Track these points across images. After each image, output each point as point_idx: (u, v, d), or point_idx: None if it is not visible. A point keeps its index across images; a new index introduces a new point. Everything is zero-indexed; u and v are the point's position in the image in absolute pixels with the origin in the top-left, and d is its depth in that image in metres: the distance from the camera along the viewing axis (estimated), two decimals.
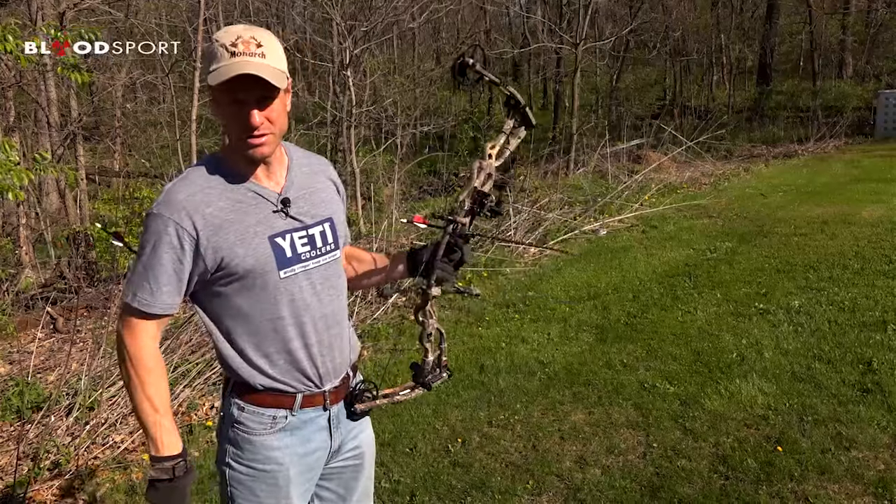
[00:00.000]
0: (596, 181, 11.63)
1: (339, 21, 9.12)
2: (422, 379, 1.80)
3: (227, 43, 1.45)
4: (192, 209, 1.49)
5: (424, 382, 1.80)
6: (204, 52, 1.53)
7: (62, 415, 3.91)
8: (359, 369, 1.88)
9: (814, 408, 3.68)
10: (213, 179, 1.53)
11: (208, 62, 1.47)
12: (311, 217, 1.62)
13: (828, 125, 17.87)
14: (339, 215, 1.71)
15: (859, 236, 7.33)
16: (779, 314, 5.14)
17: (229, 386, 1.64)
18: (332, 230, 1.66)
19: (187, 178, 1.53)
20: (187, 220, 1.48)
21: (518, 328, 5.27)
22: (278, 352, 1.59)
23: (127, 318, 1.53)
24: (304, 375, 1.63)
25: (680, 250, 7.34)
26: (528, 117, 1.77)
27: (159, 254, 1.49)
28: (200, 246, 1.49)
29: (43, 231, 8.63)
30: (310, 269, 1.61)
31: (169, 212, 1.48)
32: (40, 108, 9.40)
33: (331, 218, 1.67)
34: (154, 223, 1.49)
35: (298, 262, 1.58)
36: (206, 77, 1.45)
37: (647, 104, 22.69)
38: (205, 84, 1.51)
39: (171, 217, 1.48)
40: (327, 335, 1.65)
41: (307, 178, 1.67)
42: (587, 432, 3.61)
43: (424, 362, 1.79)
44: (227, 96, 1.46)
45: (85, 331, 5.69)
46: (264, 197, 1.57)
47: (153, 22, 13.53)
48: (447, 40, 24.57)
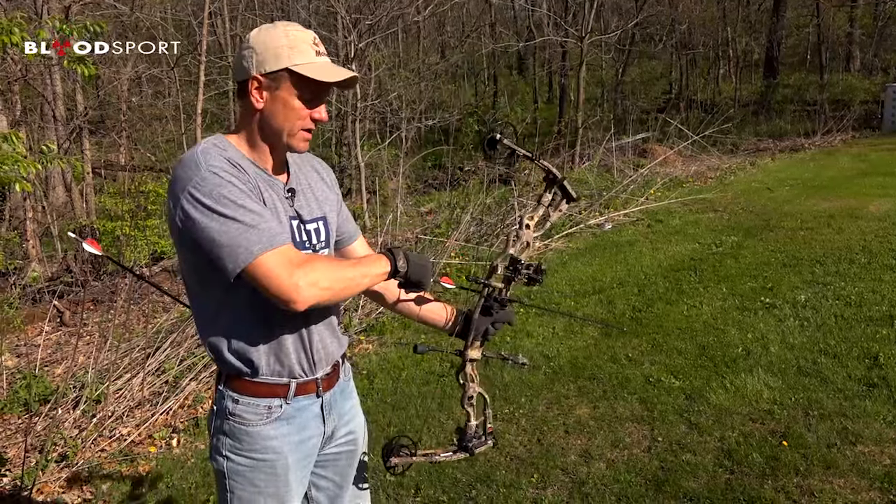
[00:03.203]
0: (601, 175, 11.62)
1: (343, 15, 9.11)
2: (465, 444, 1.77)
3: (308, 40, 1.51)
4: (237, 161, 1.50)
5: (467, 448, 1.77)
6: (271, 39, 1.51)
7: (69, 407, 3.93)
8: (353, 362, 1.88)
9: (819, 402, 3.67)
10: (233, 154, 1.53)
11: (284, 47, 1.50)
12: (309, 213, 1.66)
13: (835, 119, 17.77)
14: (332, 215, 1.73)
15: (866, 230, 7.30)
16: (785, 308, 5.13)
17: (222, 379, 1.64)
18: (325, 229, 1.70)
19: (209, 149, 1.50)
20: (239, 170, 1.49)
21: (523, 322, 5.27)
22: (275, 336, 1.59)
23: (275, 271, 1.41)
24: (298, 363, 1.64)
25: (685, 244, 7.33)
26: (568, 192, 1.73)
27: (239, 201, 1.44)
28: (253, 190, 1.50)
29: (49, 225, 8.66)
30: None
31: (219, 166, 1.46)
32: (46, 101, 9.42)
33: (325, 217, 1.70)
34: (211, 181, 1.43)
35: (303, 249, 1.61)
36: (297, 66, 1.49)
37: (653, 98, 22.62)
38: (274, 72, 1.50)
39: (224, 169, 1.46)
40: (323, 322, 1.68)
41: (305, 175, 1.71)
42: (592, 426, 3.62)
43: (468, 426, 1.76)
44: (307, 91, 1.52)
45: (91, 324, 5.71)
46: (275, 182, 1.60)
47: (158, 16, 13.54)
48: (452, 34, 24.52)
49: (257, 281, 1.42)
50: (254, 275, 1.42)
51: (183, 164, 1.47)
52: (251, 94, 1.52)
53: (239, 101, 1.60)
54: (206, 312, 1.60)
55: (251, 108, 1.54)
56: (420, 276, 1.62)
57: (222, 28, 15.67)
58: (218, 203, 1.41)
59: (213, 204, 1.41)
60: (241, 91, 1.56)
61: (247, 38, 1.56)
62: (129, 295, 5.85)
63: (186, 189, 1.43)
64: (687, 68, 23.92)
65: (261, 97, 1.52)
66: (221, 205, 1.41)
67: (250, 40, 1.54)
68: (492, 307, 1.72)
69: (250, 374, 1.60)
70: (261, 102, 1.53)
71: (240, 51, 1.55)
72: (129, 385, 4.14)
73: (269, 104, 1.53)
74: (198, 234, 1.43)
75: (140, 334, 5.03)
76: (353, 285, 1.52)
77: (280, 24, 1.56)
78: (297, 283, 1.40)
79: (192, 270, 1.57)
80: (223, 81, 13.52)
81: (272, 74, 1.50)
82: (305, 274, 1.42)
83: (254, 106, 1.53)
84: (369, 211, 9.02)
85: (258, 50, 1.51)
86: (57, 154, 5.21)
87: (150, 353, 4.41)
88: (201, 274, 1.55)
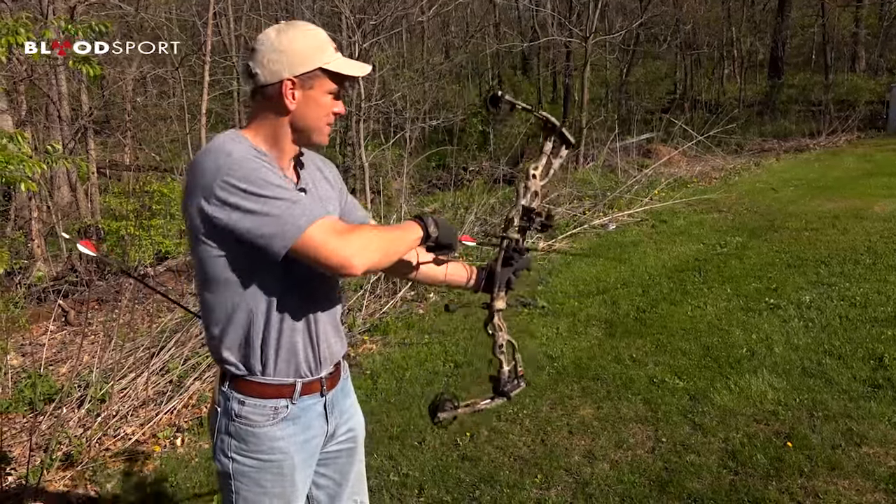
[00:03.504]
0: (605, 175, 11.60)
1: (348, 15, 9.11)
2: (501, 389, 1.84)
3: (327, 39, 1.58)
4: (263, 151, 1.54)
5: (503, 392, 1.84)
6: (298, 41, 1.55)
7: (74, 406, 3.95)
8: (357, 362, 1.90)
9: (824, 403, 3.66)
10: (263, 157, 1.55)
11: (313, 47, 1.55)
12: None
13: (840, 119, 17.72)
14: (334, 214, 1.74)
15: (871, 231, 7.28)
16: (789, 309, 5.11)
17: (226, 380, 1.63)
18: None
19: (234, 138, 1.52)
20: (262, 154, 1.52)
21: (527, 322, 5.27)
22: (286, 335, 1.60)
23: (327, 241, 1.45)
24: (305, 362, 1.64)
25: (690, 245, 7.31)
26: (566, 137, 1.83)
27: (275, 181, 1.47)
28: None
29: (54, 224, 8.68)
30: None
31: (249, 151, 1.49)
32: (51, 101, 9.45)
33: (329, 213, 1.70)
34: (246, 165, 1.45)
35: None
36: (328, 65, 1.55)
37: (658, 98, 22.55)
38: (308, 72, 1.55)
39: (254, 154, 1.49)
40: (328, 321, 1.69)
41: (310, 174, 1.72)
42: (596, 427, 3.61)
43: (500, 373, 1.85)
44: (333, 85, 1.58)
45: (96, 324, 5.73)
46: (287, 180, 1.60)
47: (163, 16, 13.57)
48: (456, 34, 24.53)
49: (308, 254, 1.46)
50: (304, 249, 1.45)
51: (209, 155, 1.47)
52: (285, 96, 1.54)
53: (258, 104, 1.59)
54: (219, 312, 1.58)
55: (281, 110, 1.56)
56: (449, 238, 1.71)
57: (227, 28, 15.69)
58: (256, 185, 1.43)
59: (251, 187, 1.43)
60: (266, 94, 1.56)
61: (263, 41, 1.56)
62: (134, 294, 5.87)
63: (219, 178, 1.43)
64: (691, 68, 23.88)
65: (293, 98, 1.55)
66: (260, 186, 1.43)
67: (274, 44, 1.54)
68: (512, 257, 1.82)
69: (259, 373, 1.60)
70: (293, 103, 1.55)
71: (262, 55, 1.55)
72: (134, 384, 4.15)
73: (301, 104, 1.56)
74: (236, 222, 1.44)
75: (144, 334, 5.04)
76: (396, 249, 1.59)
77: (296, 24, 1.59)
78: (351, 250, 1.46)
79: (212, 268, 1.54)
80: (227, 82, 13.54)
81: (305, 74, 1.54)
82: (356, 240, 1.48)
83: (286, 107, 1.55)
84: (373, 211, 9.02)
85: (287, 52, 1.53)
86: (62, 154, 5.22)
87: (154, 353, 4.42)
88: (222, 271, 1.53)
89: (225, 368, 1.63)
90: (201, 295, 1.61)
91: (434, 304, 5.88)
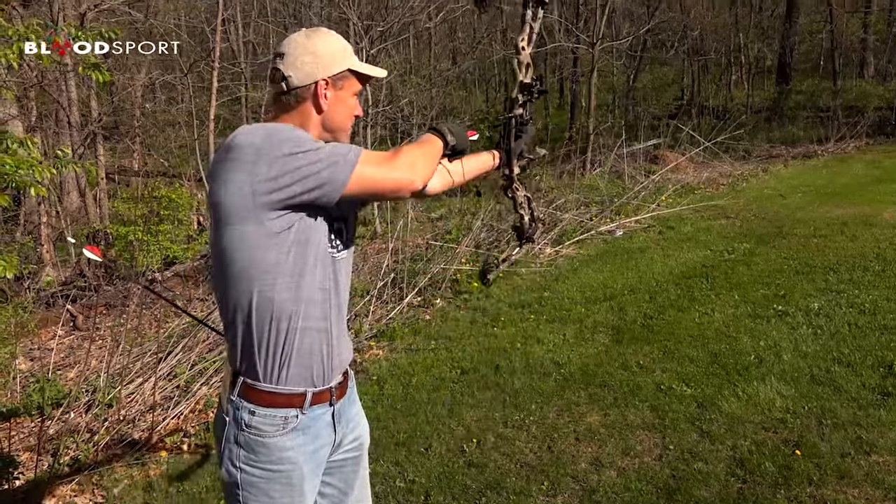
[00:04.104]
0: (612, 181, 11.57)
1: (355, 21, 9.15)
2: (526, 236, 2.14)
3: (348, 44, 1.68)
4: None
5: (529, 237, 2.14)
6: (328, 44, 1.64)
7: (81, 411, 3.96)
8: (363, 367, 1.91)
9: (833, 411, 3.64)
10: None
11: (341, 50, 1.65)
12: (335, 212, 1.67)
13: (848, 125, 17.61)
14: (350, 216, 1.76)
15: (880, 238, 7.24)
16: (798, 316, 5.09)
17: (236, 388, 1.61)
18: (346, 229, 1.71)
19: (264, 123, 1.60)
20: None
21: (534, 328, 5.26)
22: (301, 341, 1.60)
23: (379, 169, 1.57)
24: (317, 370, 1.64)
25: (697, 251, 7.29)
26: None
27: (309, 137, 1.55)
28: None
29: (63, 229, 8.73)
30: (335, 256, 1.66)
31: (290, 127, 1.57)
32: (61, 108, 9.51)
33: (346, 217, 1.72)
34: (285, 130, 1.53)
35: (331, 247, 1.65)
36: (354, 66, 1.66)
37: (665, 104, 22.51)
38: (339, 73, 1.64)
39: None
40: (341, 326, 1.71)
41: None
42: (603, 434, 3.60)
43: (523, 223, 2.13)
44: (357, 86, 1.69)
45: (104, 328, 5.75)
46: None
47: (172, 22, 13.65)
48: (463, 40, 24.53)
49: (366, 185, 1.55)
50: (360, 181, 1.53)
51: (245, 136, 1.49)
52: (320, 95, 1.62)
53: (286, 106, 1.65)
54: (238, 312, 1.56)
55: (315, 110, 1.64)
56: (464, 143, 1.80)
57: (235, 35, 15.79)
58: (299, 142, 1.49)
59: (296, 146, 1.48)
60: (299, 96, 1.62)
61: (293, 45, 1.62)
62: (142, 300, 5.89)
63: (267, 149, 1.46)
64: (699, 74, 23.82)
65: (326, 98, 1.62)
66: (303, 142, 1.50)
67: (307, 46, 1.61)
68: (521, 131, 2.03)
69: (271, 380, 1.59)
70: (326, 102, 1.63)
71: (293, 58, 1.61)
72: (141, 389, 4.16)
73: (331, 104, 1.64)
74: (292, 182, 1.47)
75: (152, 339, 5.06)
76: (434, 161, 1.70)
77: (321, 30, 1.67)
78: (403, 171, 1.58)
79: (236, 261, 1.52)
80: (235, 87, 13.61)
81: (337, 75, 1.63)
82: (403, 161, 1.59)
83: (320, 106, 1.63)
84: (380, 217, 9.04)
85: (320, 54, 1.61)
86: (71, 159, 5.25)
87: (161, 358, 4.44)
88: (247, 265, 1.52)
89: (237, 372, 1.62)
90: (220, 294, 1.59)
91: (441, 309, 5.88)
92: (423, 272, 6.28)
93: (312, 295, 1.59)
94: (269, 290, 1.54)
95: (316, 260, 1.58)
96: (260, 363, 1.58)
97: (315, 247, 1.58)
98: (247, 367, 1.60)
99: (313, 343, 1.62)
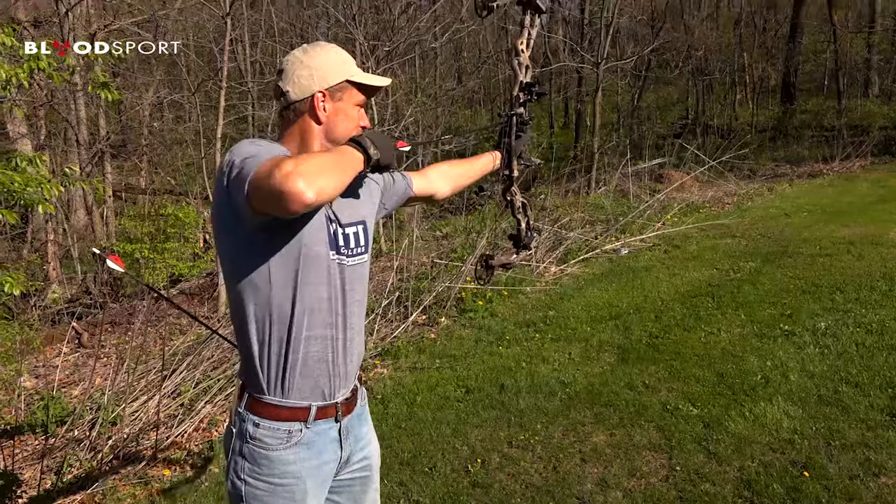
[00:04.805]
0: (617, 200, 11.58)
1: (361, 41, 9.24)
2: (523, 243, 2.14)
3: (350, 55, 1.69)
4: None
5: (524, 245, 2.14)
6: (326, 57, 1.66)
7: (85, 429, 3.95)
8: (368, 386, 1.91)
9: (841, 432, 3.60)
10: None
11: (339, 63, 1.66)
12: (348, 217, 1.69)
13: (853, 144, 17.63)
14: (370, 219, 1.78)
15: (887, 257, 7.20)
16: (804, 336, 5.06)
17: (243, 401, 1.64)
18: (364, 233, 1.73)
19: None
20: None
21: (538, 347, 5.24)
22: (306, 356, 1.61)
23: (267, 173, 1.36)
24: (322, 385, 1.65)
25: (703, 270, 7.27)
26: (537, 5, 2.06)
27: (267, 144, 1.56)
28: None
29: (70, 247, 8.77)
30: (345, 263, 1.66)
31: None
32: (70, 126, 9.61)
33: (364, 221, 1.74)
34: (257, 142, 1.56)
35: (338, 253, 1.65)
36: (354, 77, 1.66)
37: (669, 123, 22.61)
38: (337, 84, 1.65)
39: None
40: (349, 333, 1.70)
41: None
42: (609, 454, 3.57)
43: (519, 230, 2.14)
44: (359, 97, 1.68)
45: (109, 346, 5.76)
46: None
47: (181, 42, 13.79)
48: (469, 60, 24.73)
49: (260, 194, 1.38)
50: (255, 190, 1.39)
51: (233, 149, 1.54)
52: (317, 108, 1.63)
53: (289, 121, 1.67)
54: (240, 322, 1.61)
55: (314, 121, 1.65)
56: (389, 158, 1.58)
57: (243, 54, 15.93)
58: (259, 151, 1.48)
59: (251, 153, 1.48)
60: (297, 110, 1.64)
61: (291, 61, 1.65)
62: (147, 317, 5.90)
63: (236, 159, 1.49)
64: (703, 94, 23.91)
65: (324, 110, 1.64)
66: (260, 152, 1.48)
67: (303, 61, 1.64)
68: (522, 130, 2.06)
69: (276, 393, 1.61)
70: (325, 114, 1.64)
71: (291, 73, 1.64)
72: (145, 407, 4.16)
73: (331, 116, 1.65)
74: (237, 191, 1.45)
75: (156, 356, 5.06)
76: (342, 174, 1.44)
77: (320, 44, 1.69)
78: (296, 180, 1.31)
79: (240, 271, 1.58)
80: (242, 106, 13.70)
81: (334, 87, 1.64)
82: (302, 168, 1.33)
83: (318, 118, 1.64)
84: (385, 235, 9.06)
85: (316, 67, 1.63)
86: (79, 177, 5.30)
87: (166, 376, 4.43)
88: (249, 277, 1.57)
89: (244, 383, 1.65)
90: (229, 304, 1.65)
91: (445, 327, 5.87)
92: (428, 290, 6.28)
93: (312, 304, 1.60)
94: (265, 300, 1.57)
95: (311, 268, 1.58)
96: (262, 374, 1.61)
97: (309, 254, 1.58)
98: (252, 379, 1.62)
99: (318, 353, 1.63)
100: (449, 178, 2.11)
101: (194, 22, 13.29)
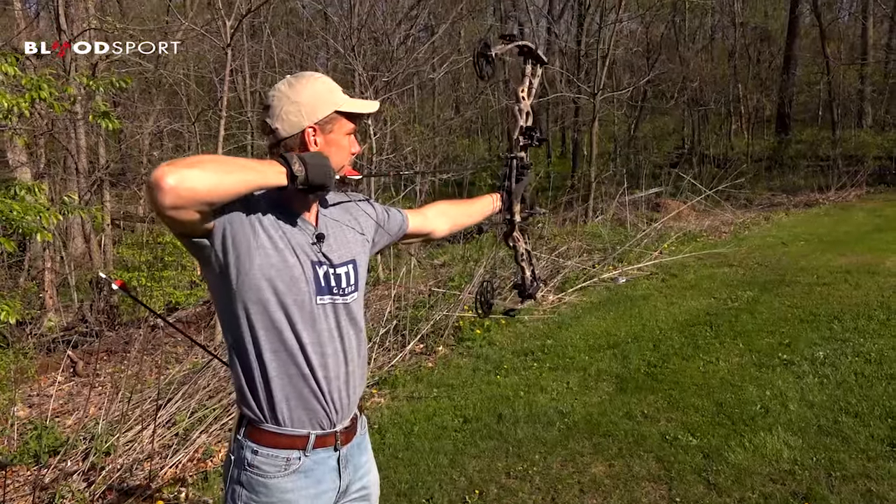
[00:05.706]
0: (615, 229, 11.63)
1: (360, 72, 9.34)
2: (527, 293, 2.13)
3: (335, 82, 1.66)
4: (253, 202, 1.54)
5: (529, 295, 2.13)
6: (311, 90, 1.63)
7: (79, 459, 3.91)
8: (366, 413, 1.89)
9: (842, 463, 3.57)
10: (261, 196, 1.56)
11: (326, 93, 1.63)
12: (338, 257, 1.68)
13: (849, 174, 17.78)
14: (361, 257, 1.77)
15: (884, 286, 7.21)
16: (803, 365, 5.04)
17: (242, 428, 1.63)
18: (354, 272, 1.72)
19: None
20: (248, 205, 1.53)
21: (537, 377, 5.21)
22: (303, 385, 1.60)
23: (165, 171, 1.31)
24: (319, 414, 1.64)
25: (701, 299, 7.27)
26: (539, 57, 2.11)
27: None
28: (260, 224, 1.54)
29: (67, 275, 8.76)
30: (337, 303, 1.66)
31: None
32: (70, 154, 9.66)
33: (354, 260, 1.73)
34: None
35: (329, 295, 1.64)
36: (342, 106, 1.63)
37: (666, 152, 22.80)
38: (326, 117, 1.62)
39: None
40: (344, 371, 1.68)
41: (338, 214, 1.75)
42: (608, 485, 3.53)
43: (524, 279, 2.14)
44: (349, 126, 1.66)
45: (104, 375, 5.72)
46: (305, 227, 1.64)
47: (181, 72, 13.95)
48: (466, 90, 24.99)
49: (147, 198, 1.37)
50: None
51: None
52: (308, 143, 1.61)
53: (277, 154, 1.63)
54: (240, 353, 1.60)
55: None
56: (322, 178, 1.51)
57: (243, 84, 16.10)
58: None
59: None
60: (288, 146, 1.61)
61: (276, 97, 1.61)
62: (143, 346, 5.87)
63: None
64: (699, 124, 24.16)
65: (316, 144, 1.62)
66: None
67: (290, 96, 1.60)
68: (522, 174, 2.08)
69: (273, 421, 1.60)
70: (317, 148, 1.62)
71: (278, 109, 1.60)
72: (140, 437, 4.11)
73: (323, 148, 1.62)
74: None
75: (152, 385, 5.02)
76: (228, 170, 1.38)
77: (303, 75, 1.65)
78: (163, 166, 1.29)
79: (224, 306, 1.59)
80: (241, 135, 13.82)
81: (324, 119, 1.61)
82: (172, 160, 1.32)
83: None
84: (383, 263, 9.06)
85: (303, 102, 1.60)
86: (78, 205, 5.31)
87: (161, 405, 4.40)
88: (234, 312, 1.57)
89: (243, 412, 1.64)
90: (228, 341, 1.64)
91: (443, 356, 5.84)
92: (426, 319, 6.27)
93: (293, 345, 1.59)
94: (242, 338, 1.57)
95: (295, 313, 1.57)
96: (255, 404, 1.61)
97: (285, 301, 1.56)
98: (247, 407, 1.61)
99: (311, 388, 1.62)
100: (447, 217, 2.09)
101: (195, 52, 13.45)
